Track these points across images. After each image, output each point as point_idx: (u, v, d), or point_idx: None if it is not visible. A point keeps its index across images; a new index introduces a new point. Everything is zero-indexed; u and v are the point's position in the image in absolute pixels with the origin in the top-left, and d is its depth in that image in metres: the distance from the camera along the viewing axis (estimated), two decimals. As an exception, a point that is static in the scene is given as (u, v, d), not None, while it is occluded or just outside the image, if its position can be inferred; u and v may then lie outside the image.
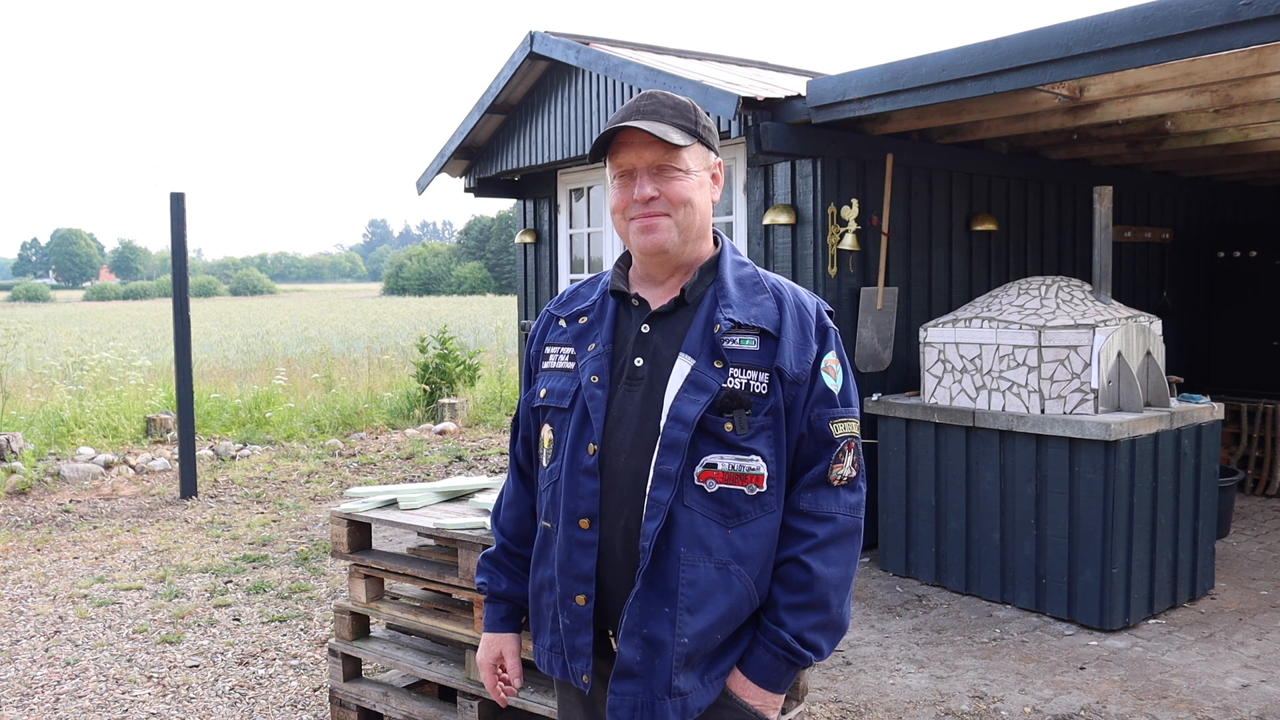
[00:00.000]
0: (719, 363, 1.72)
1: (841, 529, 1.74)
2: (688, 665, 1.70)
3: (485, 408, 11.90)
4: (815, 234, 5.79)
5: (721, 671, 1.74)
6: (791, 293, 1.82)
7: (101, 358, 12.90)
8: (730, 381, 1.71)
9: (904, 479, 5.43)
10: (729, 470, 1.70)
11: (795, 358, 1.74)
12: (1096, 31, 4.14)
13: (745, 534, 1.70)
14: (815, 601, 1.71)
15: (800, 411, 1.75)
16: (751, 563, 1.71)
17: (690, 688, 1.71)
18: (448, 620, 3.34)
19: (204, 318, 32.31)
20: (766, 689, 1.72)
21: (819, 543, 1.72)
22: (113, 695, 4.14)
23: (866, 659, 4.38)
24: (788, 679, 1.74)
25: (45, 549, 6.43)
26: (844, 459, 1.76)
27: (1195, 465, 4.99)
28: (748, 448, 1.70)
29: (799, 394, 1.75)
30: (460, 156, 8.15)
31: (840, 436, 1.76)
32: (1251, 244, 8.10)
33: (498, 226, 74.49)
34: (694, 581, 1.69)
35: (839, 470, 1.75)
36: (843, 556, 1.74)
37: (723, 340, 1.73)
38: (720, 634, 1.71)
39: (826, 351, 1.79)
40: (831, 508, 1.74)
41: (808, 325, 1.79)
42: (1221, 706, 3.85)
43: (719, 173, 1.86)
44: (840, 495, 1.76)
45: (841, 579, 1.74)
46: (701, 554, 1.69)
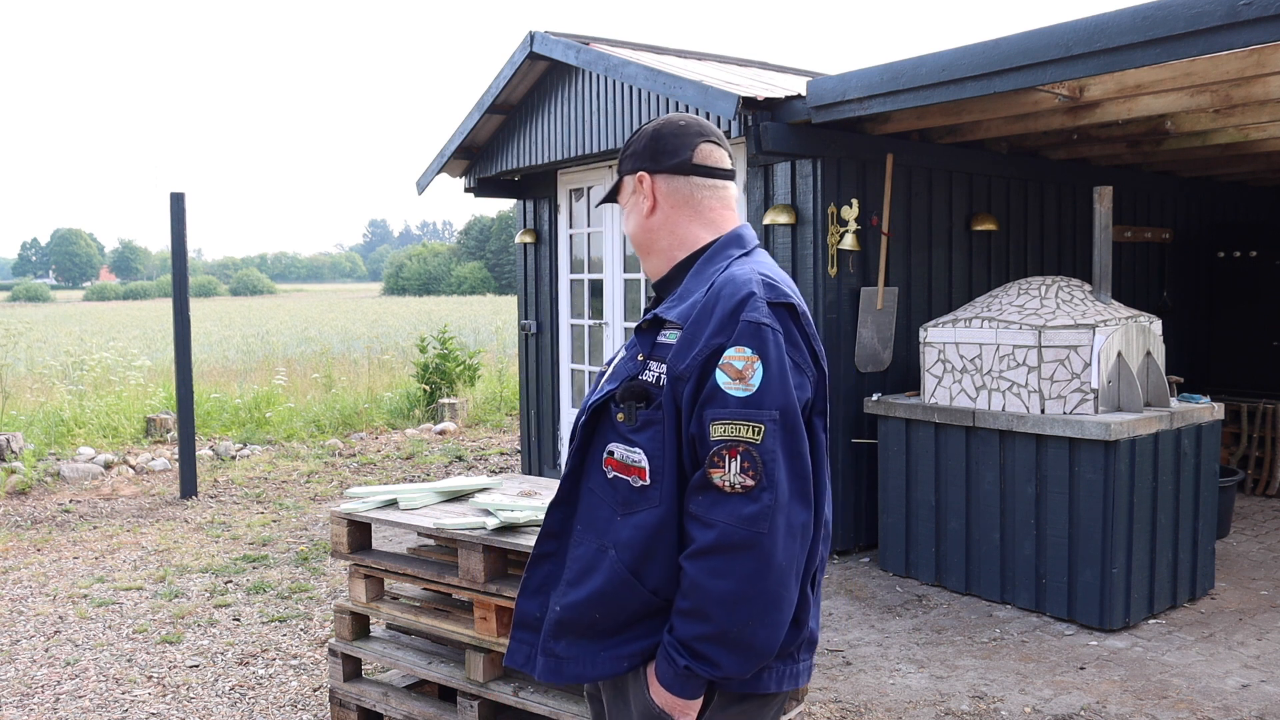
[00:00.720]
0: (642, 355, 1.76)
1: (725, 540, 1.60)
2: (564, 632, 1.77)
3: (485, 408, 11.90)
4: (815, 234, 5.79)
5: (628, 654, 1.74)
6: (724, 283, 1.72)
7: (101, 358, 12.90)
8: (645, 374, 1.73)
9: (904, 479, 5.43)
10: (620, 460, 1.74)
11: (681, 352, 1.68)
12: (1096, 31, 4.14)
13: (630, 523, 1.72)
14: (696, 611, 1.61)
15: (690, 409, 1.67)
16: (628, 551, 1.70)
17: (570, 654, 1.76)
18: (448, 620, 3.34)
19: (204, 318, 32.31)
20: (668, 689, 1.67)
21: (699, 549, 1.62)
22: (113, 695, 4.14)
23: (866, 659, 4.38)
24: (690, 686, 1.65)
25: (45, 549, 6.43)
26: (725, 463, 1.61)
27: (1195, 465, 5.00)
28: (633, 439, 1.72)
29: (685, 390, 1.67)
30: (460, 156, 8.14)
31: (718, 439, 1.62)
32: (1251, 244, 8.10)
33: (498, 226, 74.50)
34: (578, 558, 1.77)
35: (721, 475, 1.61)
36: (733, 570, 1.59)
37: (655, 335, 1.76)
38: (598, 613, 1.73)
39: (730, 345, 1.64)
40: (717, 515, 1.61)
41: (714, 317, 1.68)
42: (1221, 706, 3.85)
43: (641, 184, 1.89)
44: (731, 503, 1.61)
45: (731, 595, 1.59)
46: (591, 534, 1.76)
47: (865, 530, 6.04)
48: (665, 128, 1.89)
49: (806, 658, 1.80)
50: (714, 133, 1.91)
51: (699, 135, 1.88)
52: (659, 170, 1.87)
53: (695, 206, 1.87)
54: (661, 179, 1.87)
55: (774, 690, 1.74)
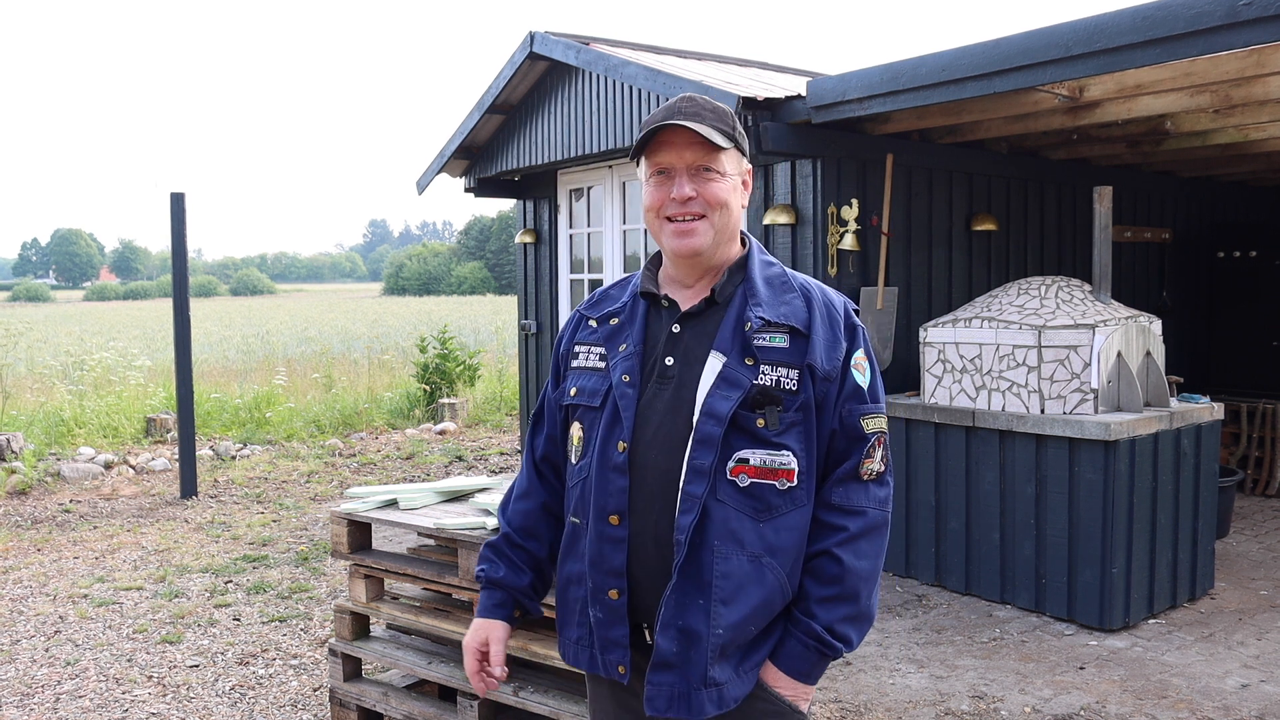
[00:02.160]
0: (750, 360, 1.76)
1: (871, 523, 1.78)
2: (722, 656, 1.73)
3: (485, 408, 11.90)
4: (815, 234, 5.79)
5: (755, 663, 1.77)
6: (820, 292, 1.86)
7: (101, 358, 12.90)
8: (761, 378, 1.75)
9: (904, 479, 5.43)
10: (760, 465, 1.74)
11: (826, 355, 1.79)
12: (1096, 31, 4.14)
13: (777, 527, 1.74)
14: (846, 594, 1.75)
15: (832, 408, 1.79)
16: (784, 555, 1.75)
17: (725, 678, 1.74)
18: (448, 620, 3.34)
19: (204, 318, 32.30)
20: (798, 680, 1.77)
21: (850, 536, 1.76)
22: (113, 695, 4.14)
23: (866, 659, 4.38)
24: (819, 670, 1.78)
25: (45, 549, 6.43)
26: (874, 454, 1.80)
27: (1195, 465, 5.00)
28: (779, 443, 1.74)
29: (830, 390, 1.79)
30: (460, 156, 8.15)
31: (871, 432, 1.80)
32: (1251, 244, 8.10)
33: (498, 226, 74.48)
34: (728, 574, 1.73)
35: (869, 465, 1.79)
36: (872, 550, 1.78)
37: (753, 338, 1.77)
38: (754, 626, 1.75)
39: (856, 349, 1.83)
40: (862, 502, 1.78)
41: (836, 323, 1.83)
42: (1221, 706, 3.85)
43: (749, 179, 1.91)
44: (870, 489, 1.79)
45: (871, 571, 1.78)
46: (735, 547, 1.73)
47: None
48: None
49: None
50: None
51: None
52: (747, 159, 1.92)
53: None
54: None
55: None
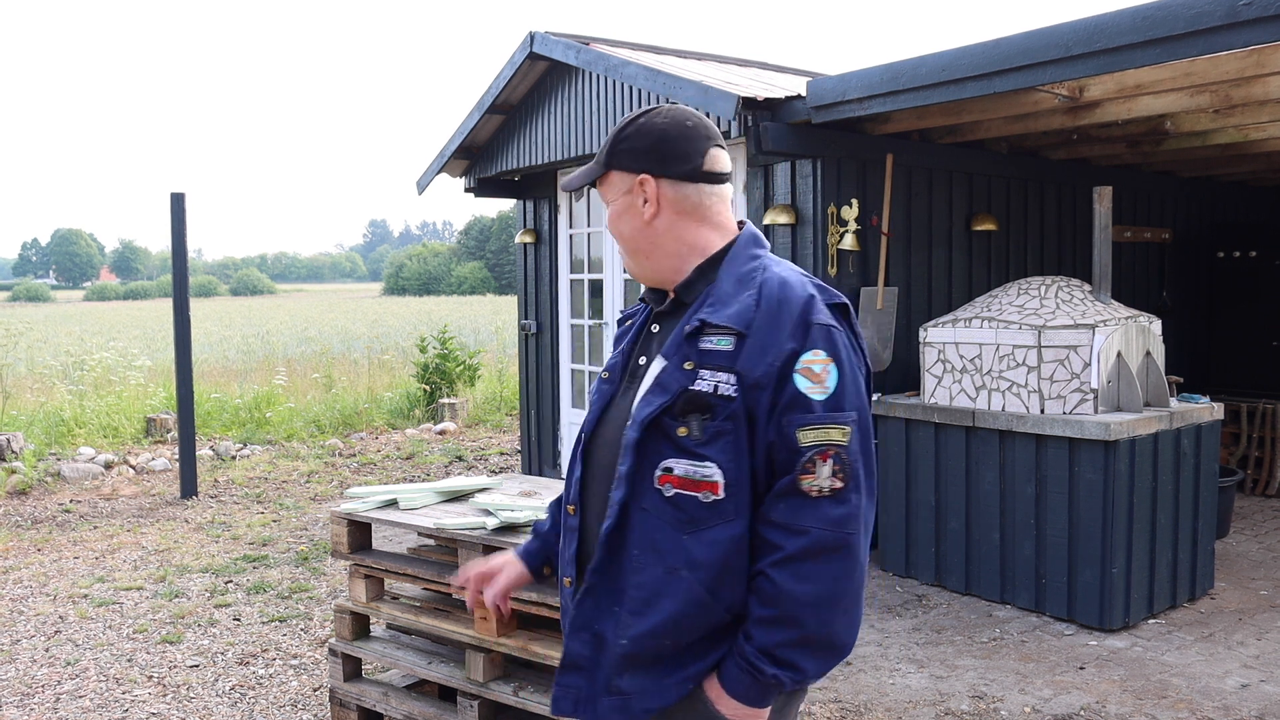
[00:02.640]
0: (689, 364, 1.67)
1: (817, 544, 1.60)
2: (630, 666, 1.68)
3: (485, 408, 11.90)
4: (815, 234, 5.79)
5: (691, 676, 1.68)
6: (779, 287, 1.70)
7: (102, 358, 12.90)
8: (698, 384, 1.65)
9: (904, 479, 5.43)
10: (684, 476, 1.65)
11: (756, 359, 1.64)
12: (1096, 32, 4.14)
13: (701, 540, 1.64)
14: (783, 618, 1.60)
15: (768, 417, 1.63)
16: (705, 570, 1.64)
17: (635, 689, 1.68)
18: (448, 620, 3.34)
19: (204, 318, 32.30)
20: (741, 702, 1.65)
21: (787, 556, 1.60)
22: (113, 695, 4.14)
23: (866, 659, 4.38)
24: (765, 695, 1.64)
25: (45, 549, 6.43)
26: (816, 469, 1.61)
27: (1195, 465, 5.00)
28: (701, 454, 1.64)
29: (761, 398, 1.63)
30: (460, 156, 8.15)
31: (808, 445, 1.61)
32: (1251, 244, 8.10)
33: (498, 226, 74.48)
34: (642, 584, 1.67)
35: (811, 481, 1.61)
36: (822, 573, 1.60)
37: (699, 341, 1.68)
38: (669, 639, 1.66)
39: (807, 350, 1.64)
40: (805, 520, 1.60)
41: (783, 322, 1.66)
42: (1221, 706, 3.85)
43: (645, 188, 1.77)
44: (820, 507, 1.61)
45: (820, 597, 1.60)
46: (653, 557, 1.67)
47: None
48: (673, 129, 1.78)
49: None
50: (718, 134, 1.84)
51: (707, 139, 1.80)
52: (665, 175, 1.77)
53: (704, 212, 1.80)
54: (668, 184, 1.78)
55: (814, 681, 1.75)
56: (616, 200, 1.81)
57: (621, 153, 1.79)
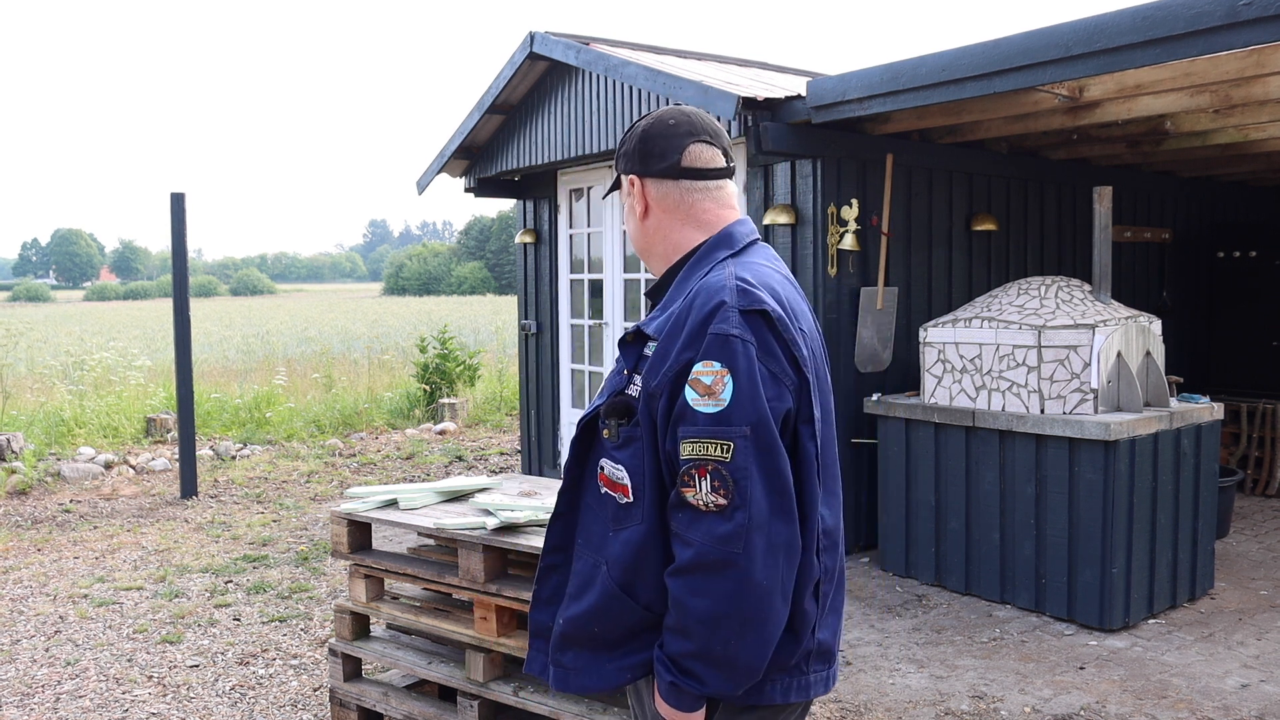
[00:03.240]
0: (627, 370, 1.72)
1: (702, 559, 1.56)
2: (567, 644, 1.76)
3: (485, 408, 11.90)
4: (815, 234, 5.79)
5: (629, 666, 1.72)
6: (698, 292, 1.66)
7: (102, 358, 12.90)
8: (630, 389, 1.69)
9: (904, 479, 5.43)
10: (609, 476, 1.72)
11: (655, 367, 1.64)
12: (1096, 31, 4.14)
13: (619, 539, 1.70)
14: (680, 628, 1.59)
15: (664, 426, 1.64)
16: (617, 567, 1.68)
17: (575, 666, 1.76)
18: (448, 620, 3.34)
19: (204, 318, 32.31)
20: (667, 701, 1.65)
21: (679, 567, 1.59)
22: (113, 695, 4.14)
23: (866, 659, 4.38)
24: (685, 700, 1.63)
25: (45, 549, 6.43)
26: (694, 482, 1.57)
27: (1195, 465, 5.00)
28: (616, 456, 1.70)
29: (659, 407, 1.63)
30: (460, 156, 8.14)
31: (687, 458, 1.58)
32: (1251, 244, 8.10)
33: (498, 226, 74.49)
34: (578, 572, 1.77)
35: (693, 494, 1.57)
36: (710, 589, 1.55)
37: (642, 347, 1.71)
38: (596, 627, 1.72)
39: (699, 359, 1.58)
40: (694, 534, 1.57)
41: (685, 330, 1.63)
42: (1221, 706, 3.85)
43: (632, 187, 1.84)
44: (707, 522, 1.56)
45: (710, 613, 1.55)
46: (588, 549, 1.76)
47: (865, 530, 6.04)
48: (653, 128, 1.81)
49: (819, 668, 1.75)
50: (706, 130, 1.81)
51: (688, 136, 1.79)
52: (648, 174, 1.82)
53: (687, 210, 1.80)
54: (651, 183, 1.82)
55: (780, 701, 1.71)
56: (625, 203, 1.89)
57: (620, 156, 1.87)
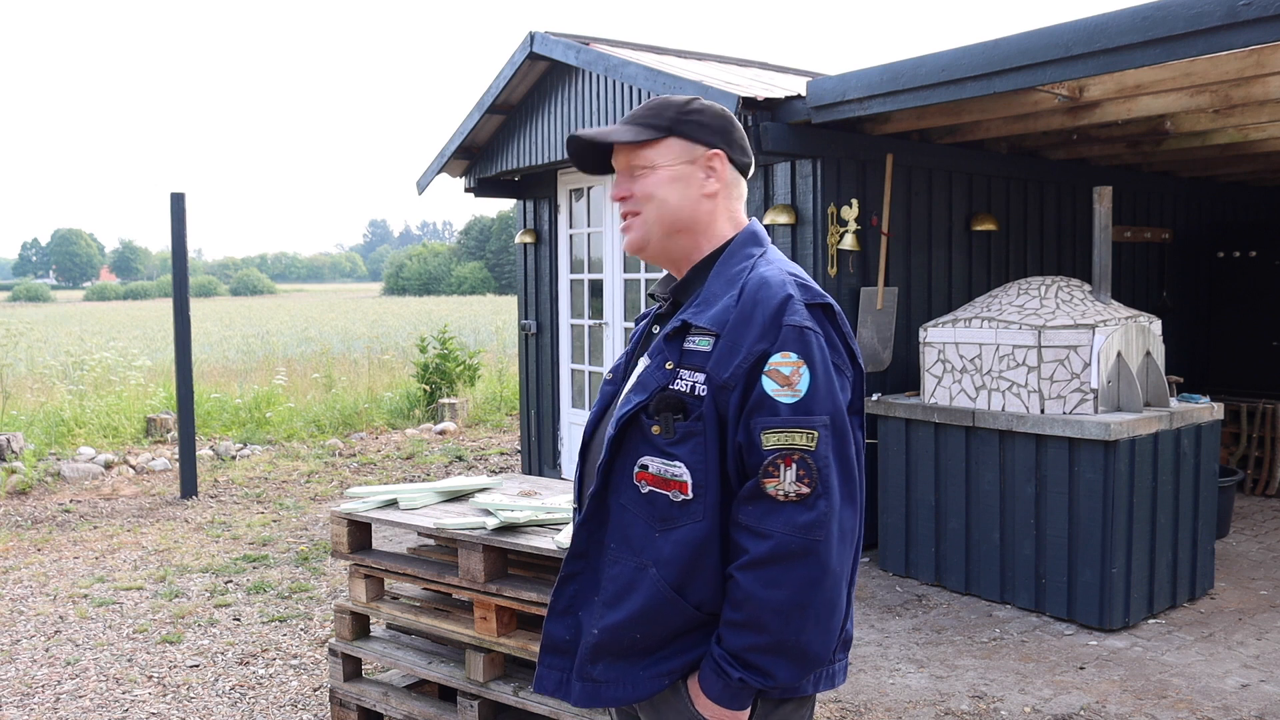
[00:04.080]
0: (670, 364, 1.69)
1: (782, 549, 1.58)
2: (601, 655, 1.71)
3: (485, 408, 11.90)
4: (815, 234, 5.79)
5: (668, 671, 1.69)
6: (758, 286, 1.68)
7: (102, 358, 12.91)
8: (677, 384, 1.67)
9: (904, 479, 5.43)
10: (657, 474, 1.67)
11: (724, 360, 1.64)
12: (1096, 32, 4.14)
13: (671, 539, 1.66)
14: (750, 622, 1.59)
15: (737, 419, 1.63)
16: (670, 568, 1.65)
17: (606, 677, 1.71)
18: (448, 620, 3.34)
19: (204, 318, 32.31)
20: (716, 703, 1.65)
21: (753, 560, 1.59)
22: (113, 695, 4.14)
23: (866, 659, 4.38)
24: (737, 698, 1.63)
25: (45, 549, 6.43)
26: (779, 473, 1.59)
27: (1195, 465, 5.00)
28: (671, 453, 1.66)
29: (731, 399, 1.63)
30: (460, 156, 8.14)
31: (771, 449, 1.59)
32: (1251, 244, 8.10)
33: (498, 226, 74.48)
34: (615, 577, 1.71)
35: (775, 485, 1.59)
36: (789, 579, 1.57)
37: (682, 342, 1.70)
38: (638, 633, 1.68)
39: (776, 351, 1.62)
40: (770, 525, 1.59)
41: (754, 322, 1.64)
42: (1221, 706, 3.85)
43: (715, 163, 1.79)
44: (785, 512, 1.59)
45: (787, 604, 1.57)
46: (626, 552, 1.70)
47: (865, 530, 6.02)
48: (725, 116, 1.83)
49: (842, 657, 1.79)
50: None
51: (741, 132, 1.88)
52: (731, 159, 1.82)
53: (733, 203, 1.84)
54: (732, 169, 1.82)
55: (811, 692, 1.73)
56: (669, 166, 1.77)
57: (692, 123, 1.79)
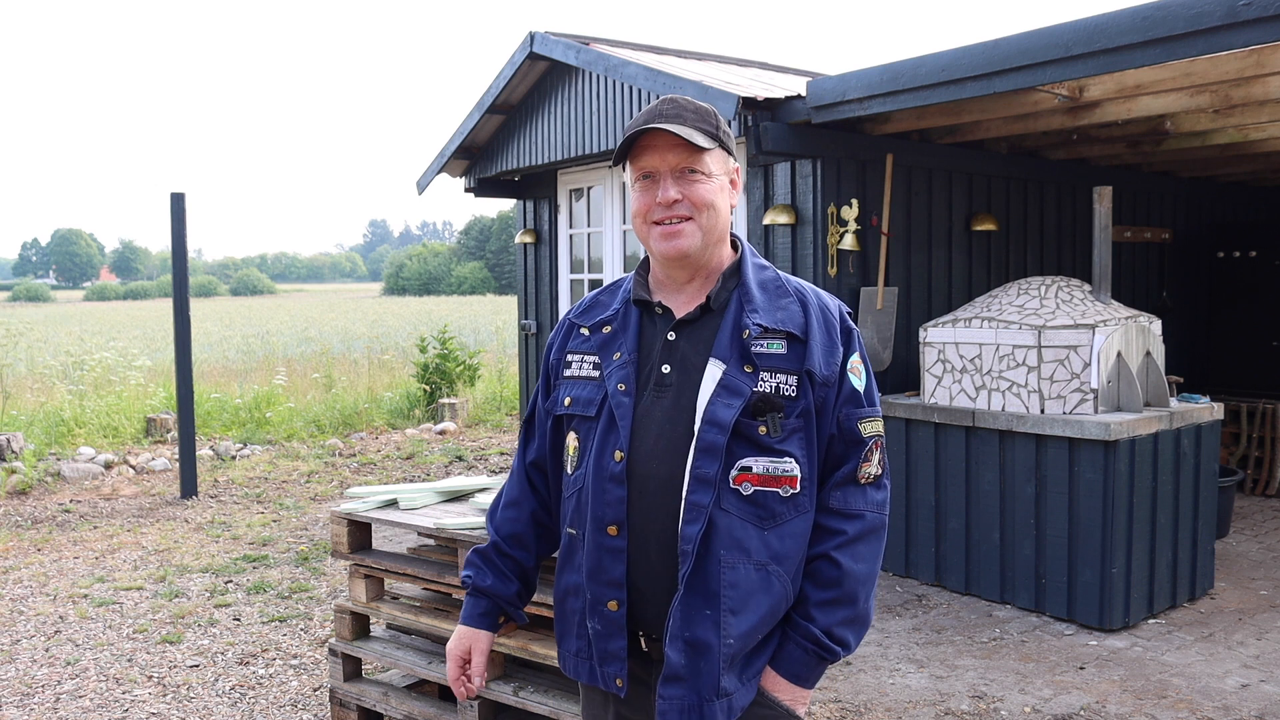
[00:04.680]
0: (749, 367, 1.75)
1: (869, 525, 1.78)
2: (732, 666, 1.73)
3: (485, 408, 11.90)
4: (815, 234, 5.79)
5: (757, 670, 1.77)
6: (815, 296, 1.86)
7: (102, 358, 12.91)
8: (761, 385, 1.74)
9: (904, 479, 5.43)
10: (763, 473, 1.73)
11: (824, 360, 1.78)
12: (1096, 31, 4.14)
13: (781, 535, 1.74)
14: (844, 597, 1.75)
15: (830, 412, 1.79)
16: (789, 563, 1.75)
17: (734, 688, 1.74)
18: (448, 620, 3.35)
19: (204, 318, 32.30)
20: (797, 684, 1.76)
21: (848, 539, 1.76)
22: (113, 695, 4.14)
23: (866, 659, 4.38)
24: (817, 674, 1.78)
25: (45, 549, 6.43)
26: (872, 457, 1.80)
27: (1195, 465, 5.00)
28: (781, 450, 1.73)
29: (829, 395, 1.78)
30: (460, 156, 8.15)
31: (868, 435, 1.80)
32: (1251, 244, 8.10)
33: (498, 226, 74.48)
34: (735, 583, 1.71)
35: (867, 469, 1.79)
36: (870, 552, 1.78)
37: (752, 345, 1.76)
38: (761, 634, 1.75)
39: (851, 353, 1.82)
40: (859, 505, 1.78)
41: (833, 328, 1.83)
42: (1221, 706, 3.85)
43: (737, 177, 1.89)
44: (867, 493, 1.79)
45: (869, 574, 1.78)
46: (741, 556, 1.71)
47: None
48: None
49: None
50: None
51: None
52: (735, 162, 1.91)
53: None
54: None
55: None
56: (719, 176, 1.82)
57: (726, 136, 1.86)
